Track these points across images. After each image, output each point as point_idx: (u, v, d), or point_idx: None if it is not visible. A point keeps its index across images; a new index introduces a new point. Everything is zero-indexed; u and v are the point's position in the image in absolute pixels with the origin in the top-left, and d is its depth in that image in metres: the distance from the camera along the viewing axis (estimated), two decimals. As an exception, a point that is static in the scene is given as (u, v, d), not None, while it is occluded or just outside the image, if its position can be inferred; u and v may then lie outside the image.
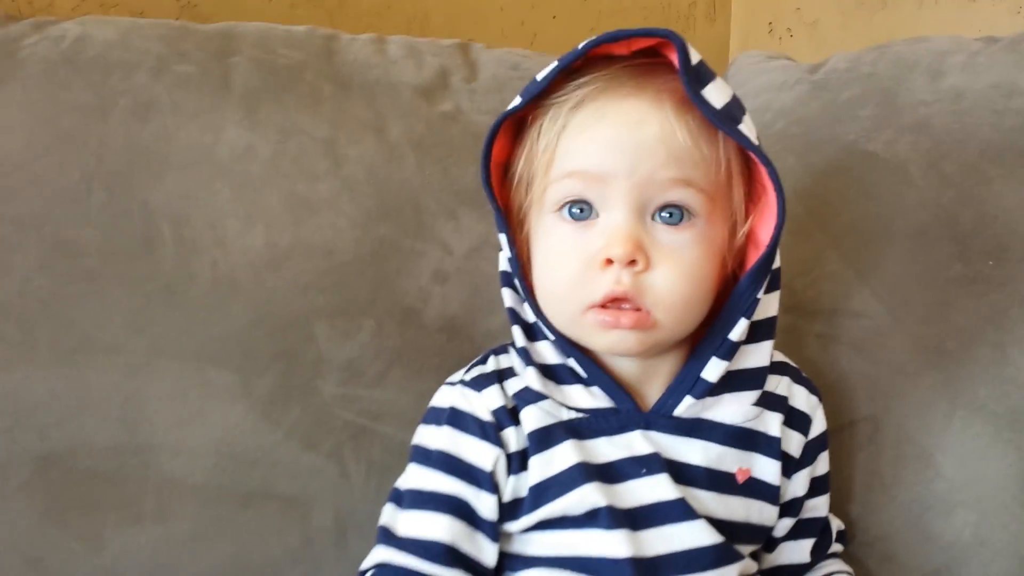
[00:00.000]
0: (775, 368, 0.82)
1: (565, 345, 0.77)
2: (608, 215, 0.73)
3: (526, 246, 0.79)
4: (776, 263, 0.78)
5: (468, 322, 0.97)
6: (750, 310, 0.75)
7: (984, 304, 0.92)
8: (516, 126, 0.79)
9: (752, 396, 0.79)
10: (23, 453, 0.87)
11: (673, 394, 0.78)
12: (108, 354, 0.89)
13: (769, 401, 0.81)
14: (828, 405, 0.86)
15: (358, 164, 0.98)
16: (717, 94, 0.72)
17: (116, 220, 0.92)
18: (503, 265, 0.80)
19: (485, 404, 0.77)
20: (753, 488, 0.79)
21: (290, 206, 0.95)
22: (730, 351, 0.76)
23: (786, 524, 0.84)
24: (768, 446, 0.80)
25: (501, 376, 0.79)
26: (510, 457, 0.76)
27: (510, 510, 0.76)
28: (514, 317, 0.79)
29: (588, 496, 0.74)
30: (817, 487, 0.85)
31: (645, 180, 0.71)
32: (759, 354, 0.79)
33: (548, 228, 0.76)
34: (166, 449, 0.89)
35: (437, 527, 0.74)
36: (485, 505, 0.75)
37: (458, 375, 0.81)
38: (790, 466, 0.82)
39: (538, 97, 0.75)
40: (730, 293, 0.77)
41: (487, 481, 0.75)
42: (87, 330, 0.89)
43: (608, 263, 0.71)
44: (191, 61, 0.99)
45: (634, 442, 0.76)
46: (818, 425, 0.84)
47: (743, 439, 0.79)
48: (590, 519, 0.74)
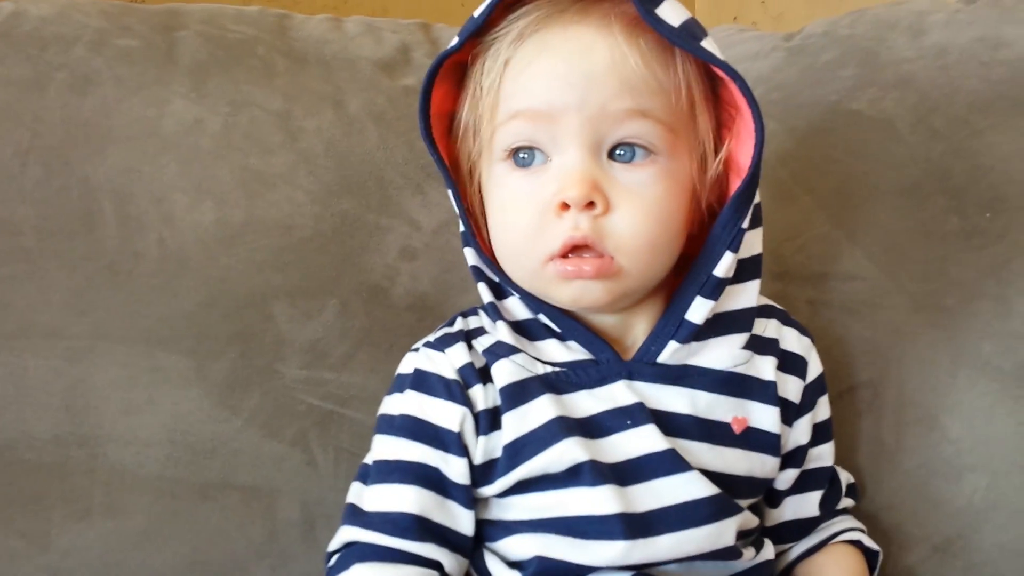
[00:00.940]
0: (761, 311, 0.77)
1: (532, 301, 0.73)
2: (561, 157, 0.68)
3: (479, 200, 0.74)
4: (757, 198, 0.73)
5: (439, 300, 0.93)
6: (735, 242, 0.70)
7: (984, 257, 0.89)
8: (460, 73, 0.74)
9: (741, 339, 0.74)
10: (-43, 447, 0.82)
11: (656, 339, 0.73)
12: (48, 338, 0.84)
13: (759, 344, 0.75)
14: (826, 372, 0.81)
15: (315, 137, 0.94)
16: (673, 12, 0.67)
17: (53, 197, 0.87)
18: (463, 225, 0.75)
19: (450, 362, 0.72)
20: (751, 439, 0.74)
21: (243, 180, 0.90)
22: (716, 289, 0.71)
23: (790, 476, 0.78)
24: (763, 391, 0.74)
25: (469, 335, 0.74)
26: (477, 416, 0.71)
27: (483, 473, 0.71)
28: (478, 274, 0.75)
29: (568, 451, 0.69)
30: (820, 434, 0.79)
31: (597, 113, 0.66)
32: (746, 294, 0.74)
33: (499, 178, 0.71)
34: (114, 439, 0.84)
35: (404, 499, 0.69)
36: (454, 470, 0.70)
37: (423, 340, 0.77)
38: (790, 413, 0.76)
39: (478, 35, 0.70)
40: (709, 230, 0.72)
41: (455, 443, 0.70)
42: (24, 313, 0.84)
43: (564, 208, 0.67)
44: (134, 35, 0.95)
45: (616, 393, 0.71)
46: (814, 367, 0.79)
47: (735, 385, 0.74)
48: (572, 476, 0.69)
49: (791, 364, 0.77)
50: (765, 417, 0.74)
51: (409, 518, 0.69)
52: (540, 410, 0.70)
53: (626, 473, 0.69)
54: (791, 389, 0.77)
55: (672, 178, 0.69)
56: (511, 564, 0.72)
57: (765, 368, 0.75)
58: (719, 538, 0.70)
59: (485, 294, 0.74)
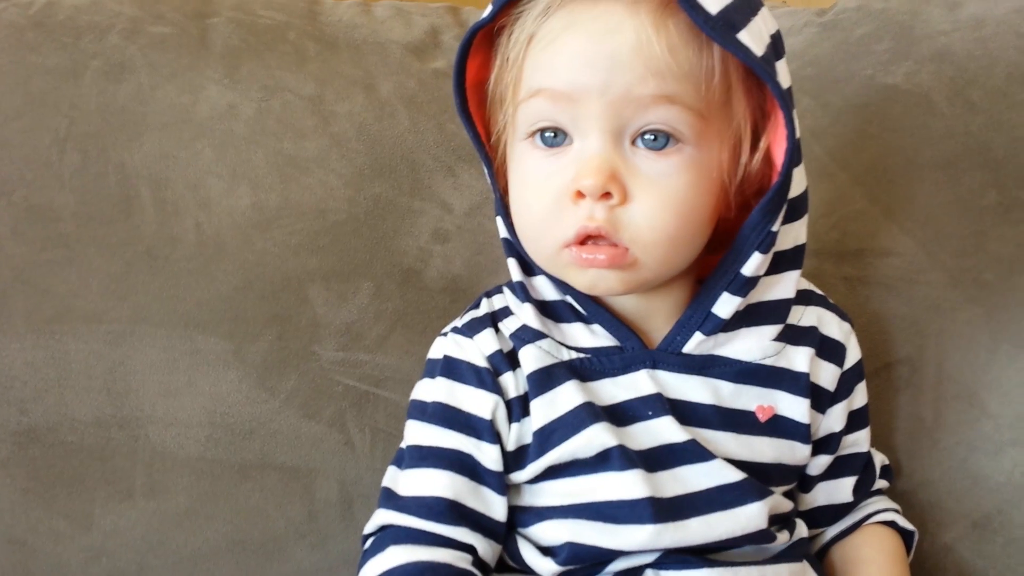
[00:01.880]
0: (799, 297, 0.75)
1: (559, 281, 0.72)
2: (582, 142, 0.65)
3: (505, 175, 0.72)
4: (803, 186, 0.71)
5: (472, 282, 0.93)
6: (765, 244, 0.67)
7: (1023, 231, 0.87)
8: (497, 42, 0.71)
9: (773, 331, 0.73)
10: (0, 429, 0.83)
11: (682, 330, 0.71)
12: (88, 323, 0.85)
13: (794, 334, 0.74)
14: (862, 349, 0.80)
15: (347, 121, 0.94)
16: None
17: (91, 183, 0.88)
18: (495, 195, 0.74)
19: (479, 349, 0.72)
20: (779, 427, 0.73)
21: (277, 165, 0.91)
22: (744, 286, 0.69)
23: (822, 462, 0.77)
24: (793, 382, 0.73)
25: (495, 318, 0.74)
26: (510, 404, 0.71)
27: (515, 459, 0.71)
28: (509, 249, 0.73)
29: (597, 436, 0.68)
30: (856, 421, 0.78)
31: (621, 98, 0.63)
32: (783, 285, 0.72)
33: (520, 156, 0.69)
34: (155, 421, 0.85)
35: (438, 484, 0.69)
36: (488, 456, 0.70)
37: (451, 324, 0.76)
38: (823, 400, 0.75)
39: (510, 5, 0.68)
40: (746, 218, 0.69)
41: (487, 431, 0.70)
42: (64, 298, 0.85)
43: (579, 196, 0.65)
44: (167, 23, 0.96)
45: (639, 382, 0.71)
46: (853, 354, 0.77)
47: (762, 376, 0.72)
48: (601, 461, 0.69)
49: (829, 350, 0.76)
50: (794, 407, 0.73)
51: (443, 502, 0.69)
52: (568, 396, 0.70)
53: (652, 460, 0.69)
54: (827, 376, 0.75)
55: (698, 168, 0.65)
56: (543, 550, 0.71)
57: (798, 359, 0.73)
58: (750, 521, 0.69)
59: (515, 271, 0.73)
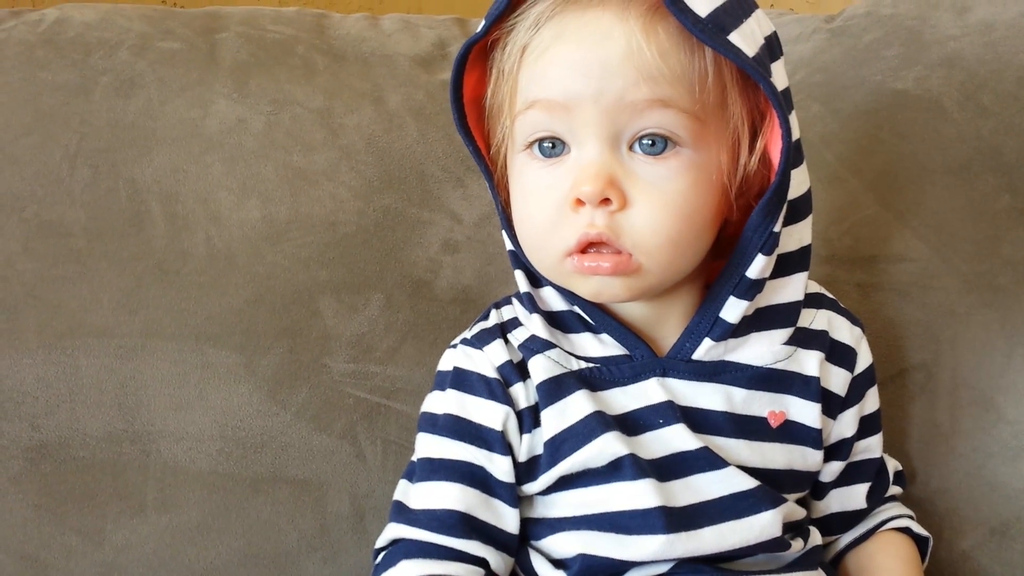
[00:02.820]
0: (810, 301, 0.74)
1: (566, 292, 0.72)
2: (579, 150, 0.65)
3: (506, 188, 0.72)
4: (804, 187, 0.71)
5: (482, 292, 0.93)
6: (768, 246, 0.67)
7: (1037, 234, 0.87)
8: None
9: (783, 334, 0.72)
10: (12, 445, 0.83)
11: (691, 336, 0.71)
12: (99, 337, 0.85)
13: (804, 338, 0.73)
14: (876, 356, 0.80)
15: (356, 134, 0.94)
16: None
17: (102, 198, 0.88)
18: (498, 210, 0.74)
19: (489, 360, 0.71)
20: (791, 432, 0.72)
21: (287, 178, 0.91)
22: (749, 289, 0.69)
23: (835, 468, 0.77)
24: (804, 387, 0.72)
25: (504, 329, 0.73)
26: (520, 415, 0.70)
27: (527, 470, 0.70)
28: (516, 261, 0.73)
29: (608, 446, 0.68)
30: (868, 427, 0.78)
31: (615, 104, 0.63)
32: (791, 288, 0.72)
33: (519, 168, 0.69)
34: (166, 435, 0.85)
35: (449, 497, 0.69)
36: (499, 468, 0.70)
37: (461, 336, 0.76)
38: (834, 405, 0.75)
39: (502, 19, 0.68)
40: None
41: (498, 442, 0.70)
42: (76, 313, 0.85)
43: (579, 203, 0.64)
44: (176, 38, 0.96)
45: (649, 391, 0.70)
46: (864, 359, 0.77)
47: (773, 381, 0.72)
48: (613, 471, 0.68)
49: (839, 355, 0.75)
50: (805, 412, 0.72)
51: (455, 515, 0.68)
52: (578, 405, 0.69)
53: (664, 469, 0.68)
54: (837, 382, 0.75)
55: (697, 170, 0.65)
56: (556, 563, 0.71)
57: (808, 363, 0.73)
58: (764, 530, 0.69)
59: (522, 283, 0.73)
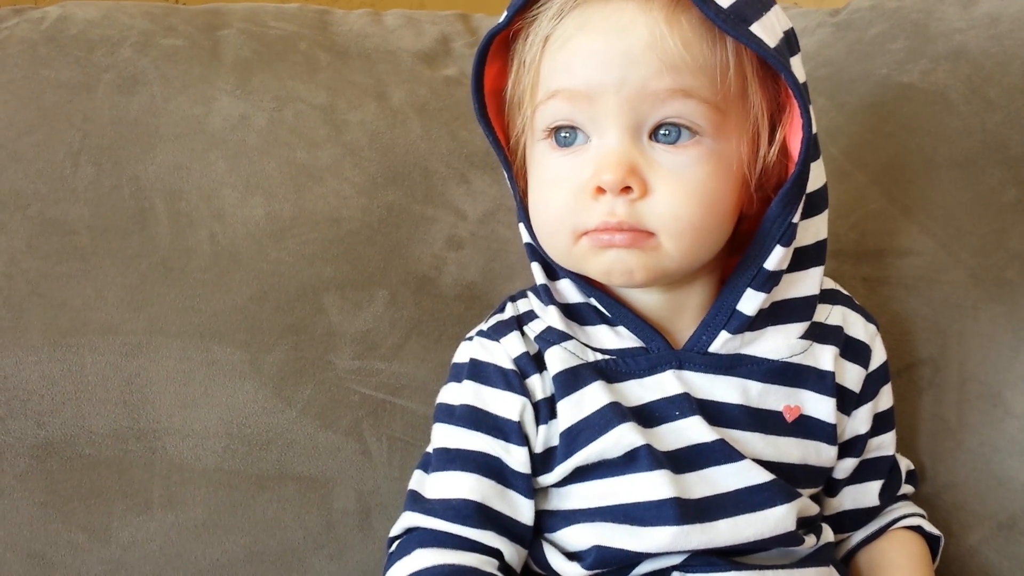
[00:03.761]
0: (825, 296, 0.74)
1: (583, 284, 0.72)
2: (600, 139, 0.66)
3: (525, 179, 0.73)
4: (821, 181, 0.71)
5: (487, 289, 0.93)
6: (786, 237, 0.67)
7: (1044, 227, 0.86)
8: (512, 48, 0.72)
9: (799, 328, 0.72)
10: (18, 442, 0.83)
11: (707, 329, 0.71)
12: (104, 335, 0.85)
13: (820, 333, 0.74)
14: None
15: (360, 130, 0.94)
16: None
17: (106, 196, 0.88)
18: (516, 202, 0.74)
19: (506, 352, 0.72)
20: (806, 427, 0.72)
21: (290, 175, 0.91)
22: (767, 281, 0.69)
23: (848, 465, 0.77)
24: (820, 382, 0.73)
25: (520, 321, 0.74)
26: (537, 406, 0.70)
27: (543, 461, 0.70)
28: (532, 254, 0.73)
29: (624, 436, 0.68)
30: (881, 424, 0.78)
31: (637, 93, 0.64)
32: (807, 282, 0.72)
33: (539, 158, 0.69)
34: (172, 432, 0.85)
35: (464, 486, 0.69)
36: (515, 459, 0.70)
37: (476, 328, 0.76)
38: (848, 402, 0.75)
39: (525, 9, 0.68)
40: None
41: (515, 433, 0.70)
42: (80, 311, 0.85)
43: (599, 192, 0.65)
44: (178, 35, 0.96)
45: (665, 383, 0.70)
46: (878, 355, 0.77)
47: (789, 375, 0.72)
48: (629, 462, 0.68)
49: (854, 352, 0.75)
50: (820, 407, 0.72)
51: (470, 505, 0.68)
52: (594, 396, 0.69)
53: (680, 461, 0.68)
54: (852, 378, 0.75)
55: (717, 159, 0.65)
56: (570, 555, 0.71)
57: (824, 357, 0.73)
58: (778, 523, 0.69)
59: (539, 275, 0.73)
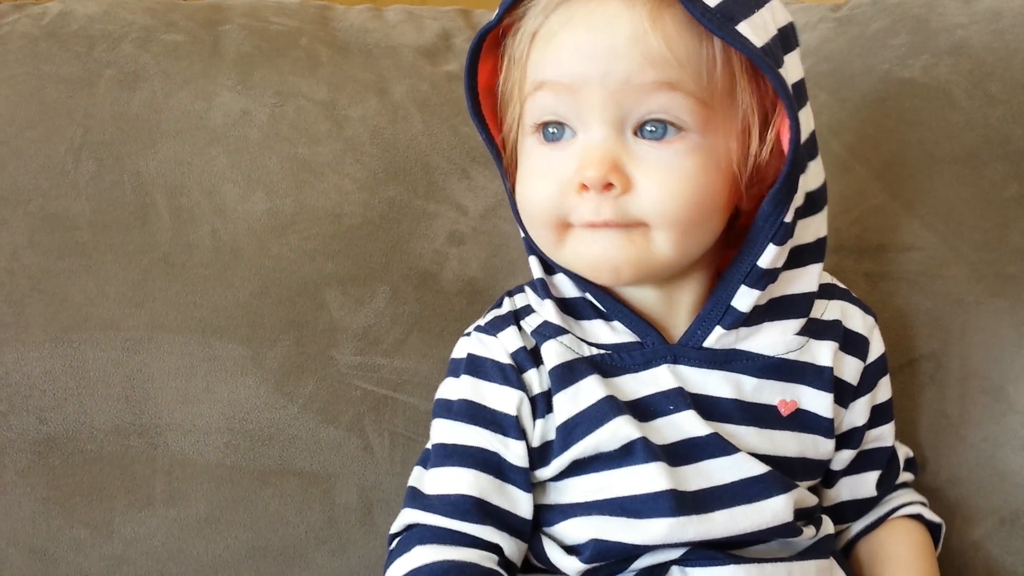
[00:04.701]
0: (821, 291, 0.74)
1: (579, 278, 0.72)
2: (585, 134, 0.66)
3: (515, 174, 0.73)
4: (820, 179, 0.71)
5: (489, 284, 0.93)
6: (779, 236, 0.67)
7: (1047, 222, 0.86)
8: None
9: (796, 325, 0.72)
10: (20, 438, 0.83)
11: (702, 324, 0.71)
12: (105, 331, 0.85)
13: (817, 328, 0.73)
14: (885, 346, 0.79)
15: (361, 125, 0.94)
16: None
17: (107, 191, 0.88)
18: (509, 197, 0.74)
19: (503, 346, 0.72)
20: (802, 421, 0.72)
21: (292, 170, 0.91)
22: (761, 279, 0.68)
23: (845, 457, 0.77)
24: (817, 377, 0.73)
25: (518, 316, 0.74)
26: (534, 400, 0.71)
27: (540, 455, 0.71)
28: (529, 247, 0.74)
29: (620, 429, 0.68)
30: (879, 416, 0.78)
31: (621, 87, 0.63)
32: (806, 279, 0.72)
33: (527, 151, 0.69)
34: (174, 428, 0.85)
35: (463, 482, 0.69)
36: (513, 453, 0.70)
37: (474, 323, 0.76)
38: (846, 394, 0.75)
39: (515, 6, 0.68)
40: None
41: (513, 427, 0.70)
42: (82, 306, 0.85)
43: (583, 188, 0.65)
44: (179, 31, 0.96)
45: (659, 377, 0.70)
46: (876, 348, 0.77)
47: (785, 371, 0.72)
48: (625, 454, 0.69)
49: (852, 344, 0.75)
50: (817, 401, 0.72)
51: (469, 500, 0.68)
52: (590, 390, 0.69)
53: (675, 454, 0.69)
54: (850, 370, 0.75)
55: (704, 154, 0.65)
56: (568, 549, 0.71)
57: (821, 353, 0.73)
58: (775, 514, 0.69)
59: (536, 269, 0.73)
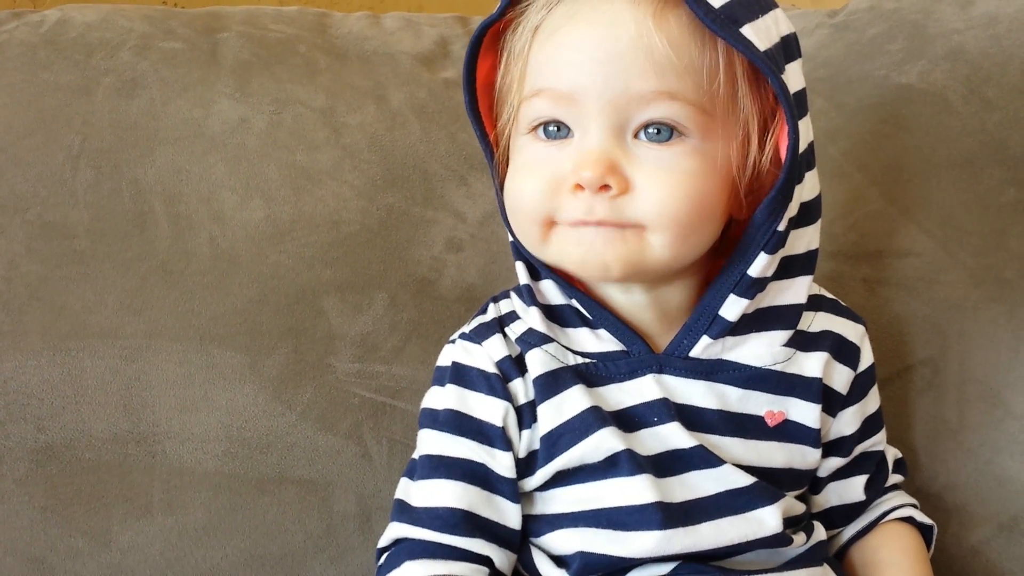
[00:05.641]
0: (809, 303, 0.73)
1: (565, 285, 0.71)
2: (583, 135, 0.65)
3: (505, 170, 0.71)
4: (816, 190, 0.70)
5: (487, 291, 0.92)
6: (771, 244, 0.66)
7: (1044, 227, 0.86)
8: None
9: (783, 336, 0.71)
10: (18, 447, 0.83)
11: (689, 333, 0.70)
12: (104, 339, 0.85)
13: (803, 340, 0.72)
14: (882, 351, 0.81)
15: (359, 132, 0.94)
16: None
17: (105, 199, 0.87)
18: (498, 199, 0.73)
19: (488, 355, 0.71)
20: (788, 432, 0.71)
21: (290, 177, 0.91)
22: (750, 288, 0.68)
23: (833, 464, 0.76)
24: (805, 388, 0.72)
25: (502, 323, 0.73)
26: (520, 410, 0.70)
27: (526, 465, 0.70)
28: (517, 253, 0.73)
29: (605, 441, 0.68)
30: (870, 427, 0.77)
31: (620, 95, 0.63)
32: (794, 290, 0.71)
33: (521, 148, 0.68)
34: (172, 436, 0.84)
35: (450, 494, 0.68)
36: (500, 463, 0.69)
37: (459, 330, 0.75)
38: (835, 404, 0.74)
39: (517, 2, 0.68)
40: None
41: (499, 438, 0.69)
42: (80, 314, 0.85)
43: (578, 188, 0.64)
44: (177, 38, 0.96)
45: (644, 388, 0.70)
46: (866, 356, 0.76)
47: (772, 382, 0.71)
48: (610, 466, 0.68)
49: (845, 353, 0.74)
50: (805, 412, 0.72)
51: (457, 513, 0.68)
52: (574, 400, 0.69)
53: (661, 465, 0.68)
54: (840, 379, 0.74)
55: (703, 158, 0.64)
56: (557, 561, 0.71)
57: (809, 364, 0.72)
58: (762, 525, 0.68)
59: (522, 275, 0.72)
